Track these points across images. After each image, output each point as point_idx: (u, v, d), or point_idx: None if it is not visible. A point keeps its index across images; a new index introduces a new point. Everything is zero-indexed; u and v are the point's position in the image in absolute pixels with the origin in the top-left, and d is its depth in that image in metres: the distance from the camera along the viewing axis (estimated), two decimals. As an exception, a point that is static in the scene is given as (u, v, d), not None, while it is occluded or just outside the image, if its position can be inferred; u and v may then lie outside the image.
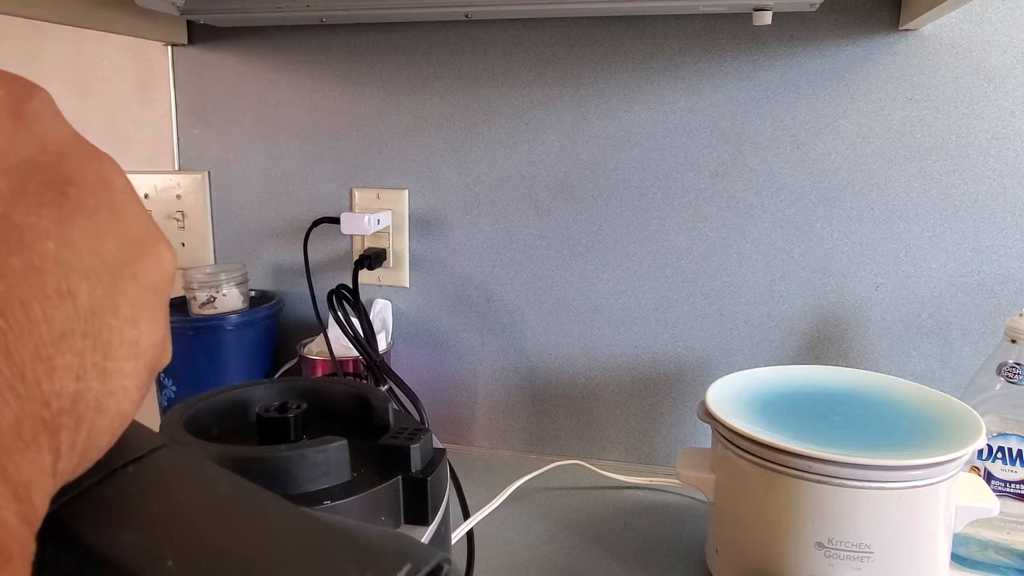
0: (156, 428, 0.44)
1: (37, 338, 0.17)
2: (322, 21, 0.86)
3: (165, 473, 0.22)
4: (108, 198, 0.20)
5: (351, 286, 0.82)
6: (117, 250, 0.19)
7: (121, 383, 0.19)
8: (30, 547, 0.17)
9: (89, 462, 0.20)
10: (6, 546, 0.16)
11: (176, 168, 0.97)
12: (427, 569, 0.21)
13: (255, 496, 0.23)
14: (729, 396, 0.64)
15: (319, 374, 0.84)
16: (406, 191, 0.91)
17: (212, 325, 0.85)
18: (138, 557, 0.19)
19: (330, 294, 0.78)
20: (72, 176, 0.19)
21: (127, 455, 0.22)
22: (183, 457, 0.23)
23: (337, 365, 0.81)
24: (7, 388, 0.16)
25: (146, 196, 0.98)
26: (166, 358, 0.22)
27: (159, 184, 0.97)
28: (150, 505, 0.21)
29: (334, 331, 0.80)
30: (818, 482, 0.53)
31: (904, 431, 0.58)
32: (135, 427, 0.23)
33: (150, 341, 0.20)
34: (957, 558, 0.65)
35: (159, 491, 0.21)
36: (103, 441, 0.19)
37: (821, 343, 0.82)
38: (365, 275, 0.89)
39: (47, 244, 0.17)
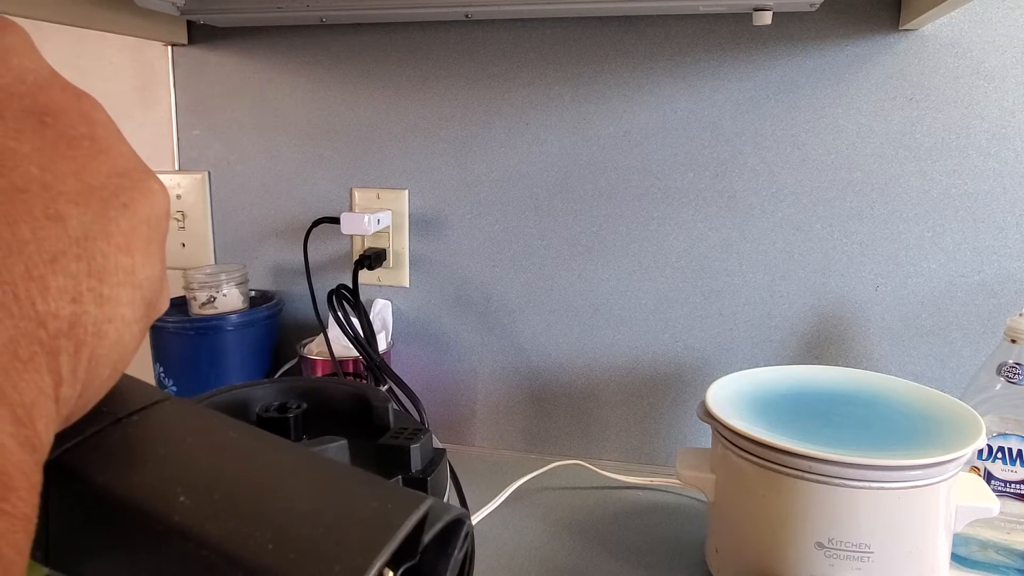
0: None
1: (27, 257, 0.16)
2: (322, 21, 0.86)
3: (171, 421, 0.22)
4: (89, 131, 0.20)
5: (351, 286, 0.82)
6: (105, 180, 0.19)
7: (119, 311, 0.19)
8: (36, 477, 0.16)
9: (92, 395, 0.19)
10: (6, 472, 0.15)
11: (176, 168, 0.97)
12: (448, 519, 0.21)
13: (268, 440, 0.22)
14: (729, 396, 0.64)
15: (319, 374, 0.84)
16: (406, 191, 0.90)
17: (212, 325, 0.85)
18: (149, 494, 0.19)
19: (330, 294, 0.78)
20: (50, 107, 0.19)
21: (131, 406, 0.21)
22: (189, 407, 0.23)
23: (337, 365, 0.81)
24: None
25: (146, 196, 0.98)
26: (164, 301, 0.22)
27: (159, 184, 0.97)
28: (158, 448, 0.21)
29: (334, 331, 0.80)
30: (818, 482, 0.53)
31: (904, 431, 0.58)
32: (138, 383, 0.23)
33: (145, 273, 0.20)
34: (957, 558, 0.65)
35: (166, 436, 0.21)
36: (105, 372, 0.19)
37: (821, 343, 0.82)
38: (365, 275, 0.89)
39: (30, 168, 0.17)
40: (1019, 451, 0.63)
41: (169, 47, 0.94)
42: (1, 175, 0.17)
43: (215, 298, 0.87)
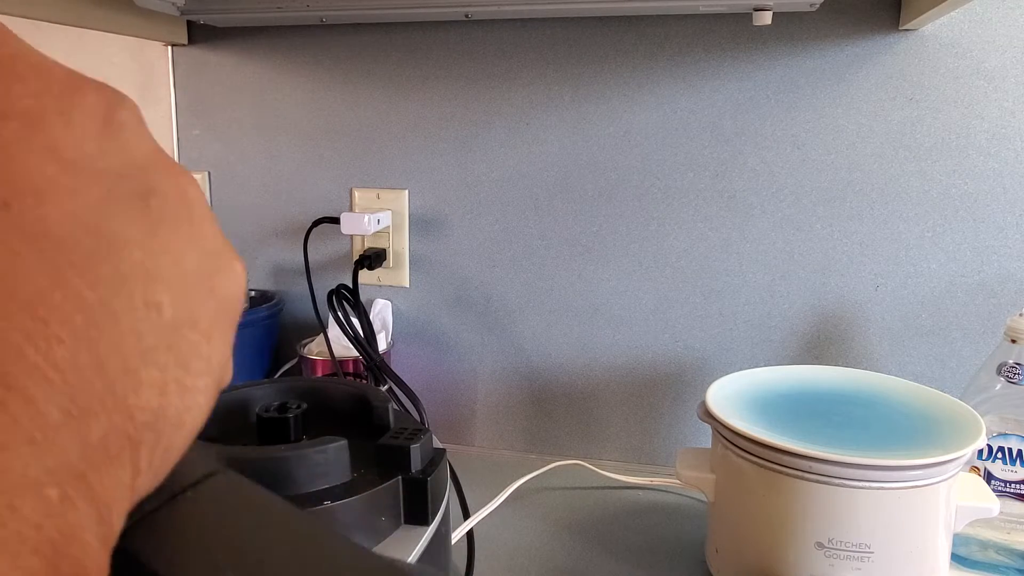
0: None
1: (126, 350, 0.16)
2: (322, 21, 0.86)
3: (223, 499, 0.22)
4: (187, 212, 0.20)
5: (351, 286, 0.82)
6: (197, 263, 0.19)
7: (197, 400, 0.19)
8: (105, 570, 0.16)
9: (159, 480, 0.19)
10: (87, 571, 0.15)
11: (176, 168, 0.97)
12: None
13: (311, 526, 0.23)
14: (729, 396, 0.64)
15: (319, 374, 0.84)
16: (406, 191, 0.91)
17: (212, 325, 0.85)
18: None
19: (330, 294, 0.78)
20: (156, 188, 0.19)
21: (185, 479, 0.22)
22: (239, 483, 0.23)
23: (337, 365, 0.81)
24: (98, 401, 0.16)
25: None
26: (228, 376, 0.22)
27: (159, 184, 0.97)
28: (211, 532, 0.21)
29: (334, 331, 0.80)
30: (818, 482, 0.53)
31: (904, 431, 0.58)
32: (190, 449, 0.23)
33: (219, 359, 0.20)
34: (957, 558, 0.65)
35: (219, 518, 0.22)
36: (175, 458, 0.19)
37: (821, 343, 0.82)
38: (365, 275, 0.89)
39: (134, 253, 0.17)
40: (1019, 451, 0.63)
41: (169, 47, 0.94)
42: (107, 261, 0.17)
43: (215, 298, 0.87)
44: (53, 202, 0.16)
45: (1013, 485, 0.64)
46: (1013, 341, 0.63)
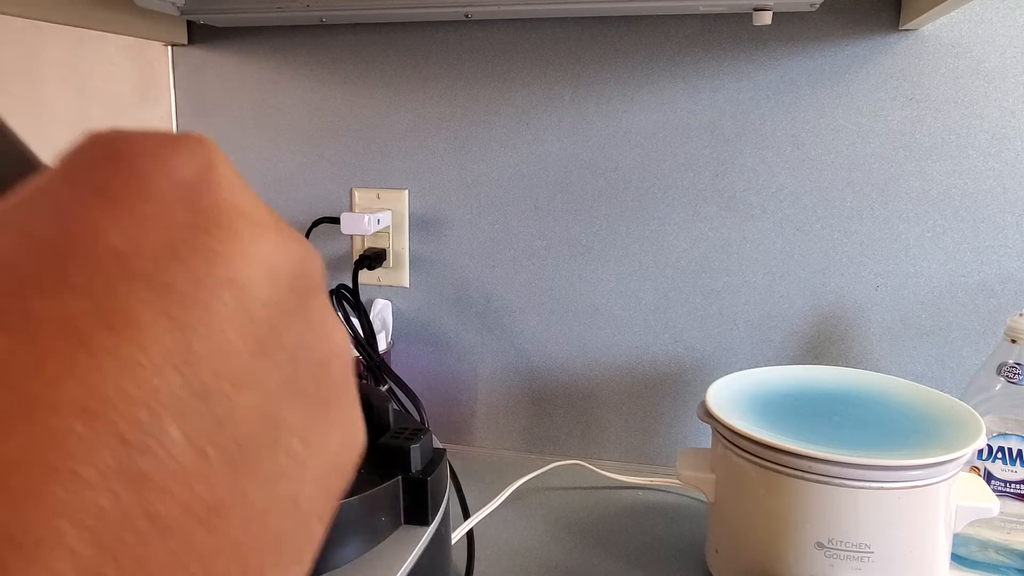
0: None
1: (264, 554, 0.15)
2: (322, 21, 0.86)
3: None
4: (345, 385, 0.18)
5: (351, 286, 0.82)
6: (339, 445, 0.18)
7: None
8: None
9: None
10: None
11: (176, 168, 0.97)
12: None
13: None
14: (729, 396, 0.64)
15: (319, 374, 0.84)
16: (406, 191, 0.91)
17: (212, 325, 0.85)
18: None
19: (330, 294, 0.78)
20: (325, 362, 0.18)
21: None
22: None
23: (337, 365, 0.81)
24: None
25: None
26: None
27: (159, 184, 0.97)
28: None
29: (334, 331, 0.80)
30: (818, 482, 0.53)
31: (904, 431, 0.58)
32: None
33: (323, 536, 0.18)
34: (957, 558, 0.65)
35: None
36: None
37: (821, 343, 0.82)
38: (365, 275, 0.89)
39: (294, 444, 0.16)
40: (1019, 451, 0.63)
41: (169, 47, 0.94)
42: (271, 455, 0.15)
43: (215, 298, 0.87)
44: (245, 393, 0.15)
45: (1013, 485, 0.64)
46: (1013, 341, 0.63)
